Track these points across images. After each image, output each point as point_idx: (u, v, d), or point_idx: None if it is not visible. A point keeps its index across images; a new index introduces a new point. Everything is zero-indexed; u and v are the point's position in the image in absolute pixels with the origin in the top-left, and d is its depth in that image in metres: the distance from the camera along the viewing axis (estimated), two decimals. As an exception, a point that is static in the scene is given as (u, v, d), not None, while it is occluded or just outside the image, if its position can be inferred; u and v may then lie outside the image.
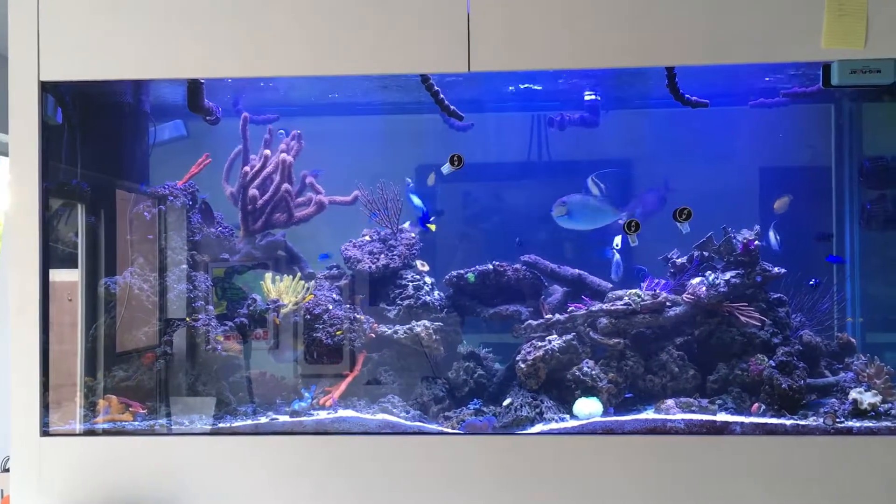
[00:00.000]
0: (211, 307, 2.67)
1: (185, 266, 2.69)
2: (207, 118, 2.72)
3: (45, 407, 2.30)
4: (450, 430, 2.40)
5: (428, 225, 2.85)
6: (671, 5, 2.19)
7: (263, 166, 2.77)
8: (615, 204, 2.85)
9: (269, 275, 2.72)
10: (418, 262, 2.89)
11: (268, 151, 2.78)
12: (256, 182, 2.78)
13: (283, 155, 2.77)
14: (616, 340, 2.60)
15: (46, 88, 2.31)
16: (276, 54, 2.27)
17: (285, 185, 2.77)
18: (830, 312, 2.80)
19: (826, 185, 3.05)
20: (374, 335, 2.71)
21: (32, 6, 2.27)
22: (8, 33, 2.28)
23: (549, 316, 2.68)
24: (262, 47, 2.26)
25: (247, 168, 2.78)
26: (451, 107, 2.54)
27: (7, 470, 2.35)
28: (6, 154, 2.33)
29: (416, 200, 2.92)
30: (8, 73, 2.28)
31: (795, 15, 2.17)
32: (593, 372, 2.55)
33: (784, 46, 2.18)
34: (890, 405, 2.36)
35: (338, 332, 2.65)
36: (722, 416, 2.38)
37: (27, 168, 2.29)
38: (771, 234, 2.79)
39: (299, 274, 2.77)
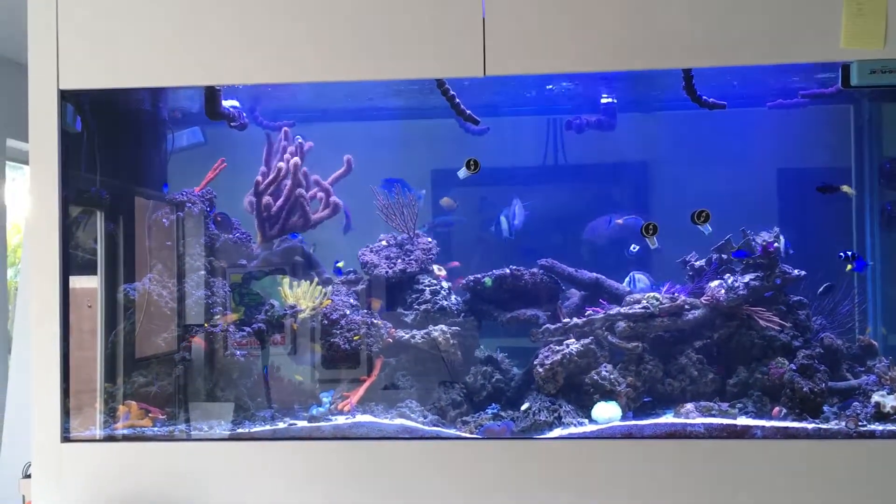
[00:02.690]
0: (229, 313, 2.68)
1: (203, 272, 2.70)
2: (232, 124, 2.74)
3: (65, 413, 2.32)
4: (468, 435, 2.39)
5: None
6: (686, 7, 2.18)
7: (277, 175, 2.78)
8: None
9: (286, 280, 2.73)
10: (435, 267, 2.89)
11: (282, 164, 2.79)
12: (270, 189, 2.79)
13: (295, 160, 2.77)
14: (634, 344, 2.59)
15: (66, 97, 2.33)
16: (292, 61, 2.28)
17: (299, 190, 2.78)
18: (851, 315, 2.77)
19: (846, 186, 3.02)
20: (391, 340, 2.71)
21: (51, 16, 2.30)
22: (28, 43, 2.30)
23: (566, 320, 2.67)
24: (278, 54, 2.28)
25: (259, 177, 2.79)
26: (467, 111, 2.54)
27: (28, 476, 2.37)
28: (26, 162, 2.35)
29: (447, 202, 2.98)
30: (28, 82, 2.31)
31: (813, 15, 2.15)
32: (612, 376, 2.53)
33: (802, 47, 2.17)
34: (913, 408, 2.34)
35: (355, 338, 2.65)
36: (742, 420, 2.36)
37: (47, 176, 2.31)
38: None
39: (317, 279, 2.77)
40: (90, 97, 2.48)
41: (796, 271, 2.64)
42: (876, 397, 2.35)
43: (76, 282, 2.42)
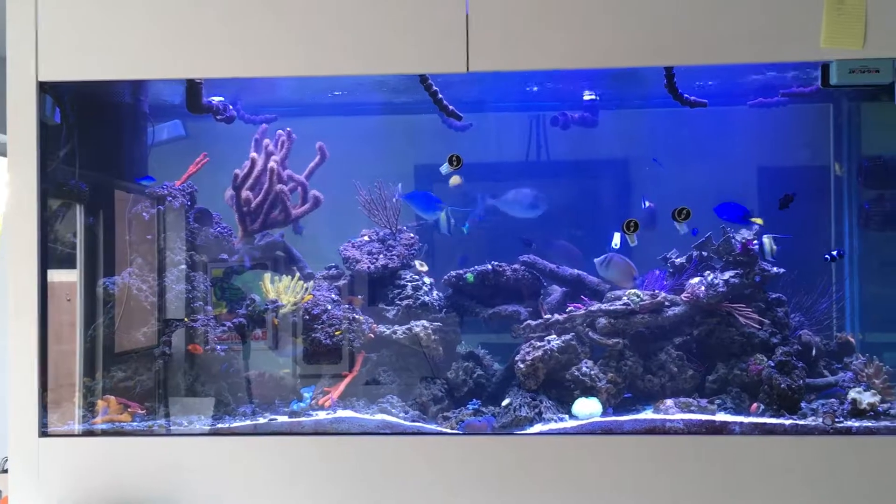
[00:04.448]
0: (210, 307, 2.67)
1: (183, 266, 2.69)
2: (218, 117, 2.72)
3: (43, 407, 2.30)
4: (449, 431, 2.40)
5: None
6: (669, 5, 2.19)
7: (252, 168, 2.77)
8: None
9: (267, 275, 2.72)
10: (417, 263, 2.89)
11: (256, 155, 2.77)
12: (248, 184, 2.77)
13: (272, 164, 2.75)
14: (615, 340, 2.60)
15: (45, 89, 2.31)
16: (274, 54, 2.27)
17: (279, 186, 2.76)
18: (829, 312, 2.80)
19: (825, 184, 3.05)
20: (373, 335, 2.71)
21: (31, 6, 2.27)
22: (6, 34, 2.28)
23: (547, 316, 2.68)
24: (259, 47, 2.26)
25: (237, 171, 2.78)
26: (450, 107, 2.54)
27: (5, 471, 2.34)
28: (4, 154, 2.33)
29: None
30: (6, 73, 2.28)
31: (794, 15, 2.17)
32: (592, 372, 2.55)
33: (783, 46, 2.18)
34: (889, 405, 2.36)
35: (337, 333, 2.65)
36: (721, 416, 2.38)
37: (25, 168, 2.28)
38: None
39: (298, 274, 2.76)
40: (70, 89, 2.46)
41: (775, 269, 2.66)
42: (853, 394, 2.38)
43: (55, 275, 2.40)
